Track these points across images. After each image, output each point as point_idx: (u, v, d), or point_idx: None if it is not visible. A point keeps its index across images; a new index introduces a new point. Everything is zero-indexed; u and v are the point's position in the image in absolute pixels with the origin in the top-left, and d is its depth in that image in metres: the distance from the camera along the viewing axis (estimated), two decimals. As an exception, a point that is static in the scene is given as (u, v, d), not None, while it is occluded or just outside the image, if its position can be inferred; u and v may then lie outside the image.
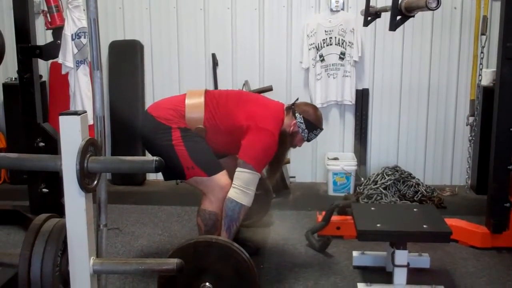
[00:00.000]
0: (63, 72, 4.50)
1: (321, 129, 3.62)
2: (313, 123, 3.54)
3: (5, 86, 5.51)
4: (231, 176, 3.33)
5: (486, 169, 4.07)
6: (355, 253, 3.70)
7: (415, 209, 3.62)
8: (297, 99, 3.66)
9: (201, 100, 3.41)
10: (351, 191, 5.19)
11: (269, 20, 5.40)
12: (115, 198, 4.81)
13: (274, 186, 4.28)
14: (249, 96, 3.80)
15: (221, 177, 3.33)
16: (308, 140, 3.61)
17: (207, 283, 2.78)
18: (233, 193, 3.26)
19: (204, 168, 3.32)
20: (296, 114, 3.51)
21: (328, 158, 5.36)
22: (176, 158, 3.28)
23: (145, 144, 3.62)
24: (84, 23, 4.34)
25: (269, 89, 4.64)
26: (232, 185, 3.28)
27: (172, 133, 3.31)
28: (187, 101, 3.40)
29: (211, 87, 5.34)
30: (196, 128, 3.35)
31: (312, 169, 5.63)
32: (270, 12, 5.39)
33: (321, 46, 5.27)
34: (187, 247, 2.84)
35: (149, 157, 1.94)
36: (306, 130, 3.52)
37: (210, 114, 3.39)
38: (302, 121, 3.50)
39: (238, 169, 3.29)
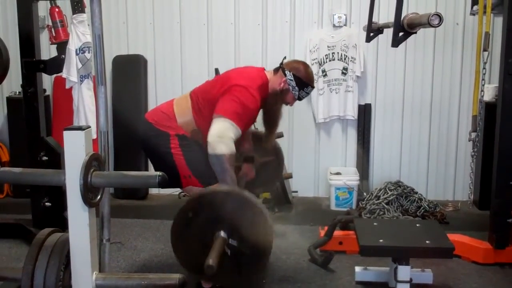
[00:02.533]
0: (67, 87, 4.52)
1: (312, 87, 3.55)
2: (304, 80, 3.47)
3: (9, 100, 5.53)
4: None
5: (488, 185, 4.06)
6: (357, 269, 3.69)
7: (417, 225, 3.61)
8: (285, 57, 3.61)
9: (187, 103, 3.42)
10: (354, 206, 5.18)
11: (272, 35, 5.42)
12: (118, 212, 4.79)
13: (276, 199, 4.26)
14: (226, 72, 3.73)
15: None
16: (300, 99, 3.54)
17: (221, 232, 2.72)
18: (208, 149, 3.16)
19: (200, 178, 3.31)
20: (286, 72, 3.45)
21: (331, 173, 5.35)
22: (174, 166, 3.29)
23: (145, 151, 3.61)
24: (88, 38, 4.37)
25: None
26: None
27: (171, 141, 3.32)
28: (175, 109, 3.41)
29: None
30: (192, 131, 3.35)
31: (315, 184, 5.62)
32: (273, 27, 5.42)
33: (324, 61, 5.29)
34: (203, 197, 2.81)
35: (152, 172, 1.94)
36: (296, 88, 3.45)
37: (197, 110, 3.39)
38: (292, 78, 3.44)
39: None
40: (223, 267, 2.71)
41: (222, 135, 3.15)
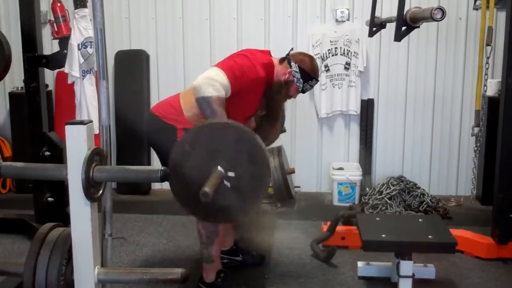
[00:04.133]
0: (69, 82, 4.52)
1: (317, 80, 3.52)
2: (309, 73, 3.43)
3: (12, 95, 5.53)
4: None
5: (491, 180, 4.06)
6: (360, 264, 3.69)
7: (420, 220, 3.61)
8: (292, 49, 3.59)
9: (194, 97, 3.38)
10: (356, 201, 5.18)
11: (274, 30, 5.41)
12: (120, 207, 4.81)
13: (279, 194, 4.24)
14: None
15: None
16: (303, 91, 3.50)
17: (219, 167, 2.69)
18: (195, 93, 3.07)
19: None
20: (292, 63, 3.42)
21: (333, 168, 5.35)
22: None
23: (151, 144, 3.58)
24: (90, 33, 4.36)
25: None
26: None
27: (178, 134, 3.29)
28: (181, 103, 3.35)
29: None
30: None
31: (317, 179, 5.62)
32: (275, 22, 5.40)
33: (327, 56, 5.28)
34: (202, 128, 2.76)
35: (154, 166, 1.94)
36: (301, 80, 3.41)
37: None
38: (297, 70, 3.40)
39: None
40: (225, 200, 2.65)
41: (210, 78, 3.07)
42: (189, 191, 2.67)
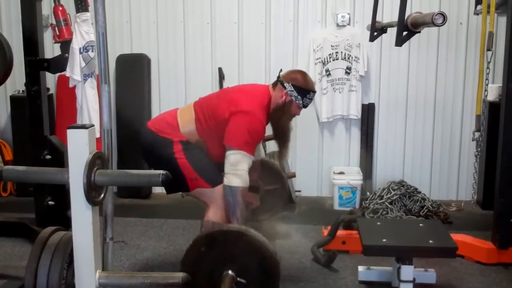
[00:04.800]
0: (71, 85, 4.52)
1: (314, 91, 3.55)
2: (304, 88, 3.47)
3: (13, 98, 5.54)
4: None
5: (492, 185, 4.06)
6: (360, 268, 3.69)
7: (421, 224, 3.61)
8: (281, 70, 3.62)
9: (191, 114, 3.45)
10: (357, 206, 5.18)
11: (275, 35, 5.42)
12: (121, 211, 4.80)
13: (283, 195, 4.28)
14: (231, 87, 3.78)
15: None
16: (305, 106, 3.53)
17: (229, 271, 2.75)
18: (224, 180, 3.25)
19: (207, 179, 3.33)
20: (285, 84, 3.46)
21: (334, 172, 5.35)
22: (179, 171, 3.29)
23: (147, 159, 3.61)
24: (92, 37, 4.37)
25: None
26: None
27: (174, 146, 3.33)
28: (179, 119, 3.43)
29: (217, 100, 5.36)
30: (197, 141, 3.38)
31: (318, 183, 5.62)
32: (276, 27, 5.41)
33: (327, 61, 5.29)
34: (212, 235, 2.86)
35: (155, 170, 1.94)
36: (299, 97, 3.45)
37: (200, 123, 3.41)
38: (292, 89, 3.44)
39: (226, 153, 3.29)
40: None
41: (237, 167, 3.24)
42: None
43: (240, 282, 2.75)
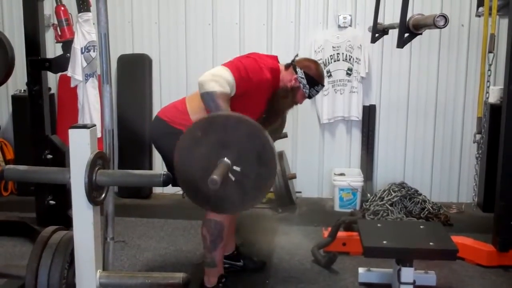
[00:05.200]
0: (72, 85, 4.53)
1: (323, 85, 3.52)
2: (315, 79, 3.44)
3: (14, 98, 5.55)
4: None
5: (493, 187, 4.06)
6: (361, 270, 3.69)
7: (421, 226, 3.61)
8: (297, 55, 3.59)
9: (200, 100, 3.34)
10: (358, 207, 5.18)
11: (277, 35, 5.43)
12: (121, 211, 4.80)
13: (280, 199, 4.23)
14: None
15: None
16: (310, 97, 3.51)
17: (225, 158, 2.64)
18: (199, 88, 3.07)
19: None
20: (297, 69, 3.42)
21: (335, 174, 5.35)
22: None
23: (158, 149, 3.54)
24: (93, 37, 4.38)
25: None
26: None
27: None
28: (188, 106, 3.36)
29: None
30: None
31: (319, 185, 5.62)
32: (278, 28, 5.42)
33: (329, 62, 5.29)
34: (217, 117, 2.77)
35: (156, 171, 1.95)
36: (307, 86, 3.42)
37: None
38: (303, 76, 3.41)
39: None
40: (227, 193, 2.65)
41: (215, 74, 3.07)
42: (193, 175, 2.65)
43: (235, 169, 2.65)
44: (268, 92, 3.37)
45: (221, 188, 2.47)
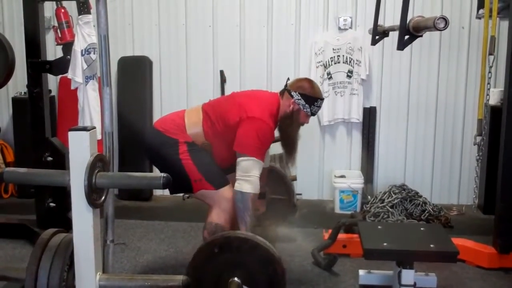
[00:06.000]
0: (72, 87, 4.52)
1: (322, 99, 3.55)
2: (312, 96, 3.48)
3: (15, 100, 5.55)
4: None
5: (493, 189, 4.06)
6: (361, 272, 3.68)
7: (422, 228, 3.60)
8: (288, 79, 3.62)
9: (199, 116, 3.46)
10: (358, 209, 5.18)
11: (277, 38, 5.43)
12: (122, 213, 4.80)
13: (289, 205, 4.29)
14: (241, 92, 3.80)
15: (228, 190, 3.34)
16: (313, 114, 3.55)
17: (235, 278, 2.76)
18: (236, 185, 3.26)
19: (211, 181, 3.33)
20: (292, 93, 3.46)
21: (335, 176, 5.35)
22: (184, 172, 3.30)
23: (152, 159, 3.62)
24: (93, 39, 4.38)
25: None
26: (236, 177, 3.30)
27: (179, 147, 3.33)
28: (186, 120, 3.44)
29: (219, 103, 5.37)
30: (203, 144, 3.38)
31: (319, 187, 5.62)
32: (278, 30, 5.42)
33: (329, 64, 5.29)
34: (234, 238, 2.86)
35: (156, 173, 1.95)
36: (306, 105, 3.47)
37: (208, 125, 3.42)
38: (299, 97, 3.45)
39: (237, 160, 3.30)
40: None
41: (248, 173, 3.25)
42: None
43: None
44: (274, 134, 3.51)
45: None
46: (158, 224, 4.84)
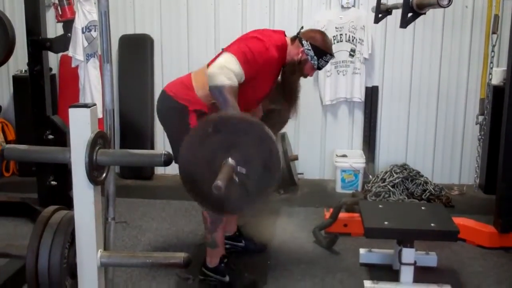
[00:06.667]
0: (73, 65, 4.52)
1: (331, 55, 3.48)
2: (322, 49, 3.40)
3: (15, 78, 5.53)
4: None
5: (495, 169, 4.06)
6: (362, 251, 3.70)
7: (423, 208, 3.61)
8: (302, 27, 3.53)
9: (205, 76, 3.26)
10: (359, 189, 5.18)
11: (279, 15, 5.39)
12: (123, 192, 4.79)
13: (282, 181, 4.23)
14: (243, 35, 3.63)
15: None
16: (319, 68, 3.48)
17: (229, 159, 2.63)
18: (208, 81, 3.05)
19: None
20: (303, 42, 3.38)
21: (337, 155, 5.35)
22: None
23: (163, 124, 3.53)
24: (94, 17, 4.35)
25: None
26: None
27: (190, 116, 3.24)
28: (194, 82, 3.33)
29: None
30: (211, 104, 3.22)
31: (320, 166, 5.62)
32: (281, 8, 5.38)
33: (331, 43, 5.25)
34: (229, 118, 2.75)
35: (157, 150, 1.94)
36: (315, 57, 3.38)
37: None
38: (309, 47, 3.37)
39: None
40: (227, 195, 2.64)
41: (223, 66, 3.06)
42: (196, 171, 2.67)
43: (240, 171, 2.66)
44: (276, 70, 3.37)
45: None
46: (160, 203, 4.85)
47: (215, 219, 3.32)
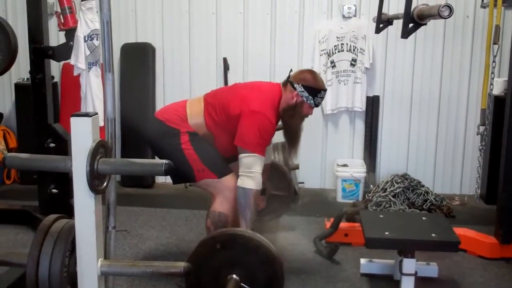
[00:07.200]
0: (75, 74, 4.52)
1: (325, 90, 3.53)
2: (315, 88, 3.45)
3: (17, 86, 5.54)
4: None
5: (496, 179, 4.05)
6: (362, 261, 3.69)
7: (423, 218, 3.60)
8: (291, 71, 3.59)
9: (200, 106, 3.44)
10: (360, 198, 5.17)
11: (281, 25, 5.40)
12: (124, 200, 4.80)
13: (288, 201, 4.30)
14: (243, 84, 3.81)
15: (231, 178, 3.34)
16: (317, 105, 3.52)
17: (234, 275, 2.77)
18: (239, 181, 3.26)
19: (214, 170, 3.33)
20: (295, 85, 3.44)
21: (338, 165, 5.34)
22: (186, 161, 3.29)
23: (154, 149, 3.59)
24: (96, 25, 4.36)
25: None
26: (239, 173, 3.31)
27: (181, 137, 3.33)
28: (188, 111, 3.43)
29: (221, 91, 5.36)
30: (204, 134, 3.38)
31: (321, 175, 5.61)
32: (282, 17, 5.39)
33: (333, 52, 5.27)
34: (235, 236, 2.87)
35: (158, 160, 1.94)
36: (310, 97, 3.43)
37: (210, 116, 3.40)
38: (302, 89, 3.42)
39: (239, 156, 3.30)
40: None
41: (251, 169, 3.25)
42: (202, 283, 2.84)
43: (244, 286, 2.77)
44: (276, 127, 3.52)
45: None
46: (160, 211, 4.84)
47: (219, 229, 3.33)
